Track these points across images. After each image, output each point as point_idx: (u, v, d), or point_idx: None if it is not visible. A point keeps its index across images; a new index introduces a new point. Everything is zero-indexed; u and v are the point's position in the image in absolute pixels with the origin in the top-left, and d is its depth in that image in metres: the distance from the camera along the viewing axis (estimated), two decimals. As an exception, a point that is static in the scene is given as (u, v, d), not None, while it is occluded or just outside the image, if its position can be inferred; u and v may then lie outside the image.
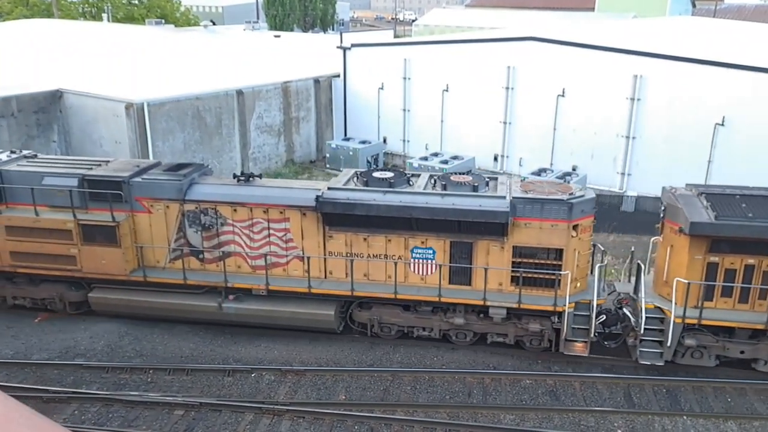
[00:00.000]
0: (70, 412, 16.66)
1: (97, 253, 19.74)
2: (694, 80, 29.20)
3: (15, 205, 20.09)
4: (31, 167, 20.39)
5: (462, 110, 36.68)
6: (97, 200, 19.55)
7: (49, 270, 20.26)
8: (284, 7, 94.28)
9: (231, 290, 19.88)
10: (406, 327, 19.69)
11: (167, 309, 20.22)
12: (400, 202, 18.34)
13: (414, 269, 19.15)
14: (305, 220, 19.18)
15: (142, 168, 20.28)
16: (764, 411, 16.90)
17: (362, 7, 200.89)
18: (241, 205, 19.43)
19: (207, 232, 19.79)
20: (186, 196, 19.54)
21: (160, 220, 19.81)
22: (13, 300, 21.36)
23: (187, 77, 39.53)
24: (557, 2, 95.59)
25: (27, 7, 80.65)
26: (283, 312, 19.66)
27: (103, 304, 20.56)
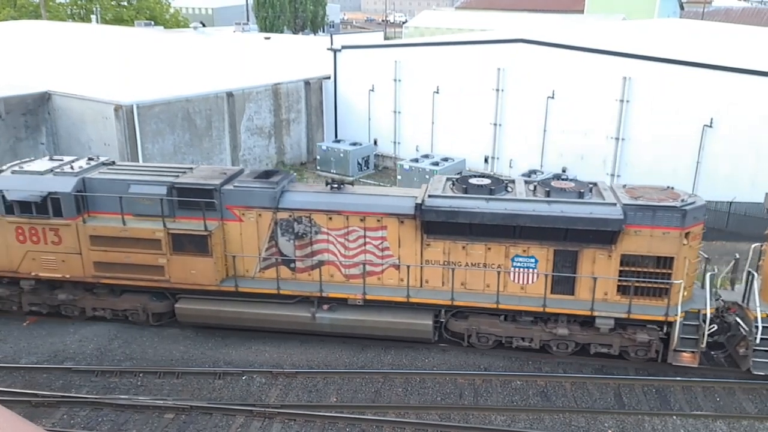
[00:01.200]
0: (59, 416, 16.57)
1: (186, 263, 19.22)
2: (682, 82, 29.34)
3: (97, 214, 19.51)
4: (115, 175, 19.80)
5: (452, 112, 36.75)
6: (185, 209, 19.09)
7: (135, 280, 19.72)
8: (274, 9, 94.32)
9: (325, 300, 19.42)
10: (504, 337, 19.14)
11: (258, 319, 19.72)
12: (505, 210, 17.85)
13: (514, 278, 18.68)
14: (403, 228, 18.80)
15: (229, 175, 19.78)
16: (753, 410, 16.98)
17: (352, 8, 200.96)
18: (337, 213, 18.99)
19: (300, 241, 19.36)
20: (279, 204, 19.11)
21: (252, 228, 19.34)
22: (93, 311, 20.70)
23: (177, 79, 39.44)
24: (547, 4, 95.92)
25: (15, 8, 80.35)
26: (379, 322, 19.18)
27: (190, 315, 20.02)
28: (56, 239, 19.43)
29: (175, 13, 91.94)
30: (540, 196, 18.38)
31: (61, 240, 19.42)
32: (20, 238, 19.59)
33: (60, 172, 19.62)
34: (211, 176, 19.70)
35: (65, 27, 65.90)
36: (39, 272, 19.94)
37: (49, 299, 20.66)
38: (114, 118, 31.26)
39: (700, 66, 29.10)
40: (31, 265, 19.87)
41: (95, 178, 19.51)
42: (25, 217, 19.28)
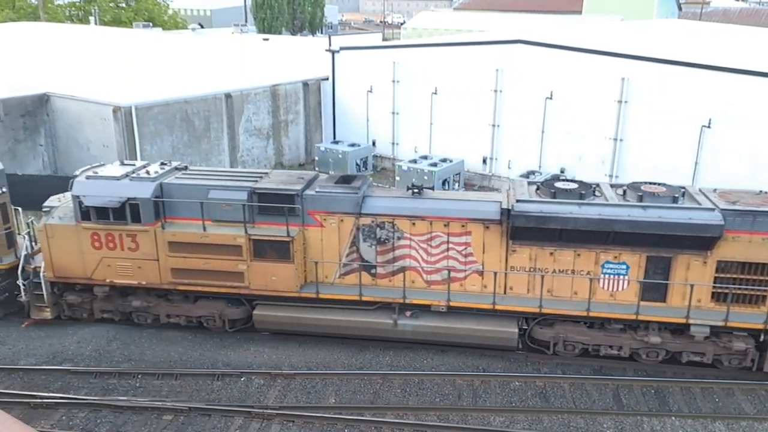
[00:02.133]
0: (58, 417, 16.57)
1: (267, 269, 19.03)
2: (680, 83, 29.34)
3: (173, 220, 19.27)
4: (193, 180, 19.63)
5: (451, 113, 36.74)
6: (265, 214, 18.94)
7: (213, 287, 19.56)
8: (273, 10, 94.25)
9: (407, 306, 19.17)
10: (591, 345, 18.86)
11: (339, 326, 19.49)
12: (599, 215, 17.58)
13: (603, 285, 18.41)
14: (488, 233, 18.54)
15: (308, 180, 19.62)
16: (751, 411, 17.00)
17: (351, 10, 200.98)
18: (421, 219, 18.78)
19: (382, 247, 19.13)
20: (362, 210, 18.90)
21: (333, 234, 19.13)
22: (167, 318, 20.44)
23: (176, 80, 39.45)
24: (545, 5, 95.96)
25: (13, 10, 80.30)
26: (462, 329, 18.90)
27: (268, 322, 19.84)
28: (133, 245, 19.22)
29: (174, 15, 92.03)
30: (631, 200, 18.12)
31: (138, 246, 19.19)
32: (96, 244, 19.30)
33: (137, 178, 19.30)
34: (290, 181, 19.49)
35: (64, 28, 65.89)
36: (114, 279, 19.73)
37: (122, 306, 20.44)
38: (112, 120, 31.25)
39: (698, 67, 29.10)
40: (106, 271, 19.62)
41: (173, 184, 19.27)
42: (102, 223, 19.01)
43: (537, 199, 18.33)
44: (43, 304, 20.51)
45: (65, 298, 20.53)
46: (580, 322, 18.76)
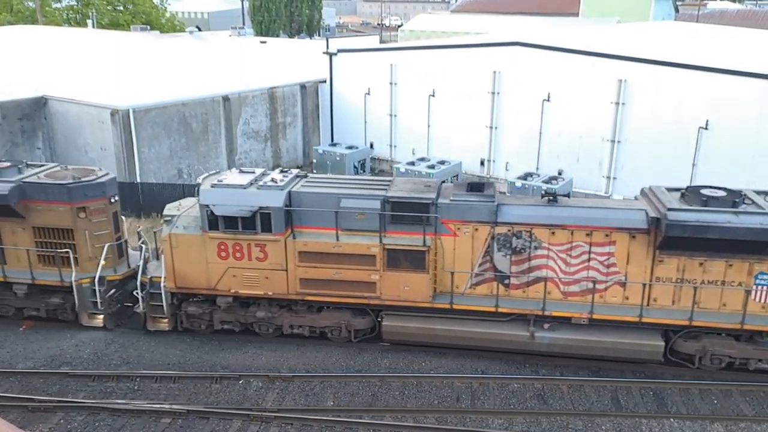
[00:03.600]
0: (56, 420, 16.55)
1: (400, 279, 18.61)
2: (678, 84, 29.39)
3: (302, 229, 18.92)
4: (323, 188, 19.21)
5: (448, 115, 36.76)
6: (397, 223, 18.50)
7: (344, 297, 19.16)
8: (270, 13, 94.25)
9: (544, 318, 18.63)
10: (739, 359, 18.24)
11: (472, 338, 18.94)
12: (761, 225, 16.99)
13: (756, 297, 17.77)
14: (633, 243, 17.96)
15: (436, 188, 19.17)
16: (750, 412, 17.02)
17: (348, 12, 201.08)
18: (561, 228, 18.20)
19: (517, 256, 18.58)
20: (498, 219, 18.35)
21: (466, 243, 18.62)
22: (290, 329, 20.02)
23: (173, 83, 39.43)
24: (542, 7, 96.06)
25: (11, 13, 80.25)
26: (603, 342, 18.31)
27: (398, 332, 19.30)
28: (261, 255, 18.86)
29: (171, 18, 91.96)
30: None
31: (267, 256, 18.84)
32: (222, 254, 18.94)
33: (265, 186, 18.92)
34: (419, 189, 19.05)
35: (61, 32, 65.89)
36: (239, 289, 19.34)
37: (244, 317, 20.03)
38: (110, 123, 31.24)
39: (695, 68, 29.14)
40: (231, 282, 19.24)
41: (302, 192, 18.90)
42: (230, 233, 18.63)
43: (688, 207, 17.68)
44: (161, 315, 20.20)
45: (184, 309, 20.14)
46: (725, 335, 18.20)
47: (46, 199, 19.75)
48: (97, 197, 20.07)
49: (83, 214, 19.86)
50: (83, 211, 19.84)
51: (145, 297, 19.99)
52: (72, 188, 19.64)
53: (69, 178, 19.97)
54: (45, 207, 19.83)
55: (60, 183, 19.71)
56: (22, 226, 20.20)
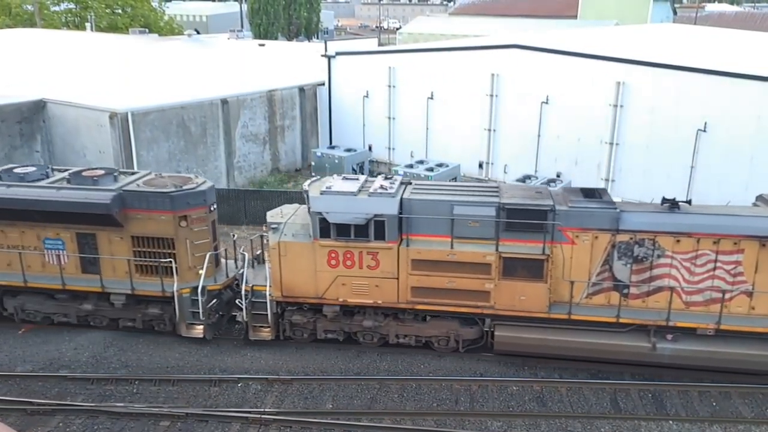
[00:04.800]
0: (55, 424, 16.54)
1: (515, 288, 18.09)
2: (676, 87, 29.42)
3: (413, 237, 18.37)
4: (434, 195, 18.62)
5: (447, 118, 36.81)
6: (512, 230, 17.91)
7: (454, 306, 18.66)
8: (269, 16, 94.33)
9: (667, 329, 18.06)
10: None
11: (591, 349, 18.34)
12: None
13: None
14: (763, 251, 17.40)
15: (549, 194, 18.67)
16: (749, 414, 17.04)
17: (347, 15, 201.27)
18: (687, 236, 17.59)
19: (638, 265, 17.98)
20: (620, 226, 17.76)
21: (584, 251, 18.02)
22: (396, 338, 19.51)
23: (172, 86, 39.43)
24: (540, 10, 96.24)
25: (10, 16, 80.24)
26: (731, 354, 17.75)
27: (512, 343, 18.68)
28: (373, 263, 18.47)
29: (170, 21, 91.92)
30: None
31: (379, 264, 18.46)
32: (332, 262, 18.56)
33: (376, 193, 18.39)
34: (531, 195, 18.53)
35: (60, 35, 65.92)
36: (348, 298, 18.95)
37: (349, 326, 19.64)
38: (109, 126, 31.22)
39: (693, 71, 29.17)
40: (340, 290, 18.85)
41: (414, 199, 18.37)
42: (342, 241, 18.27)
43: None
44: (264, 324, 19.81)
45: (288, 318, 19.75)
46: None
47: (147, 208, 19.26)
48: (199, 205, 19.63)
49: (184, 223, 19.40)
50: (184, 220, 19.39)
51: (248, 306, 19.57)
52: (175, 197, 19.16)
53: (169, 186, 19.53)
54: (145, 216, 19.35)
55: (162, 191, 19.22)
56: (120, 236, 19.68)
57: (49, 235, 20.02)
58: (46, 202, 19.24)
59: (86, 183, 19.74)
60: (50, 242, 20.11)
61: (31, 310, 20.84)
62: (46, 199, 19.28)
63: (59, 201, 19.19)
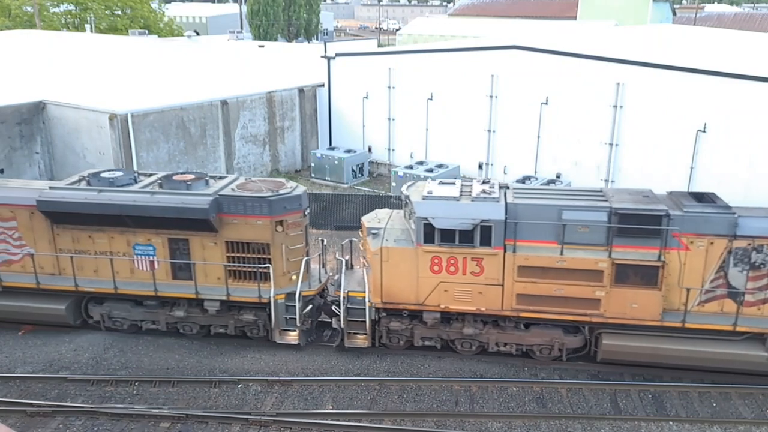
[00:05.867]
0: (55, 425, 16.55)
1: (627, 295, 17.63)
2: (675, 87, 29.43)
3: (518, 242, 17.85)
4: (540, 200, 18.22)
5: (446, 118, 36.82)
6: (623, 236, 17.41)
7: (562, 314, 18.21)
8: (268, 17, 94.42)
9: None
10: None
11: (704, 358, 17.93)
12: None
13: None
14: None
15: (658, 198, 18.20)
16: (749, 415, 17.04)
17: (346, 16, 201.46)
18: None
19: (755, 272, 17.46)
20: (737, 232, 17.22)
21: (698, 257, 17.52)
22: (496, 346, 19.10)
23: (171, 88, 39.46)
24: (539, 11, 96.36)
25: (9, 18, 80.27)
26: None
27: (620, 352, 18.29)
28: (477, 270, 18.10)
29: (169, 22, 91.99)
30: None
31: (483, 270, 18.07)
32: (435, 268, 18.22)
33: (479, 198, 18.03)
34: (639, 200, 17.96)
35: (60, 36, 65.87)
36: (449, 305, 18.56)
37: (447, 333, 19.28)
38: (109, 127, 31.24)
39: (693, 71, 29.18)
40: (441, 297, 18.48)
41: (520, 204, 17.91)
42: (446, 246, 17.90)
43: None
44: (360, 331, 19.43)
45: (386, 324, 19.36)
46: None
47: (243, 213, 18.97)
48: (294, 210, 19.32)
49: (280, 228, 19.12)
50: (280, 225, 19.10)
51: (344, 312, 19.16)
52: (273, 201, 18.86)
53: (264, 191, 19.22)
54: (241, 221, 19.06)
55: (260, 196, 18.94)
56: (214, 241, 19.34)
57: (140, 241, 19.68)
58: (141, 207, 18.88)
59: (180, 188, 19.41)
60: (141, 248, 19.76)
61: (118, 318, 20.54)
62: (141, 204, 18.90)
63: (155, 206, 18.83)
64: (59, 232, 20.03)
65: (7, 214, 20.20)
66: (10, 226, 20.32)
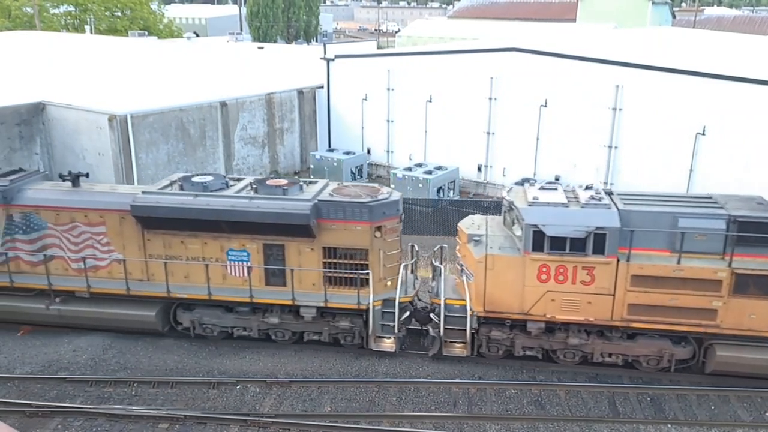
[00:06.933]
0: (54, 426, 16.54)
1: (746, 306, 17.09)
2: (674, 90, 29.47)
3: (630, 251, 17.27)
4: (652, 206, 17.67)
5: (445, 120, 36.86)
6: (745, 244, 16.85)
7: (674, 324, 17.67)
8: (267, 19, 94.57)
9: None
10: None
11: None
12: None
13: None
14: None
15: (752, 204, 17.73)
16: (747, 418, 17.04)
17: (345, 18, 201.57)
18: None
19: None
20: None
21: None
22: (601, 357, 18.64)
23: (171, 89, 39.48)
24: (539, 13, 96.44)
25: (9, 18, 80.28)
26: None
27: (735, 363, 17.78)
28: (588, 279, 17.55)
29: (169, 23, 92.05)
30: None
31: (594, 279, 17.54)
32: (542, 277, 17.68)
33: (590, 205, 17.69)
34: (753, 206, 17.57)
35: (59, 37, 65.90)
36: (556, 314, 18.05)
37: (549, 343, 18.77)
38: (108, 128, 31.25)
39: (692, 74, 29.23)
40: (547, 306, 17.97)
41: (633, 211, 17.41)
42: (556, 254, 17.38)
43: None
44: (458, 339, 19.02)
45: (487, 333, 18.88)
46: None
47: (343, 218, 18.69)
48: (392, 216, 19.12)
49: (379, 234, 18.85)
50: (379, 231, 18.84)
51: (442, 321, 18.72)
52: (373, 207, 18.60)
53: (363, 196, 18.99)
54: (340, 226, 18.77)
55: (360, 201, 18.67)
56: (311, 247, 19.05)
57: (234, 246, 19.39)
58: (240, 212, 18.65)
59: (276, 193, 19.18)
60: (234, 253, 19.48)
61: (208, 324, 20.22)
62: (240, 209, 18.68)
63: (255, 211, 18.59)
64: (150, 238, 19.65)
65: (96, 219, 19.82)
66: (98, 231, 19.91)
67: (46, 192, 20.30)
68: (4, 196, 19.91)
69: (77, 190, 20.41)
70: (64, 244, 20.22)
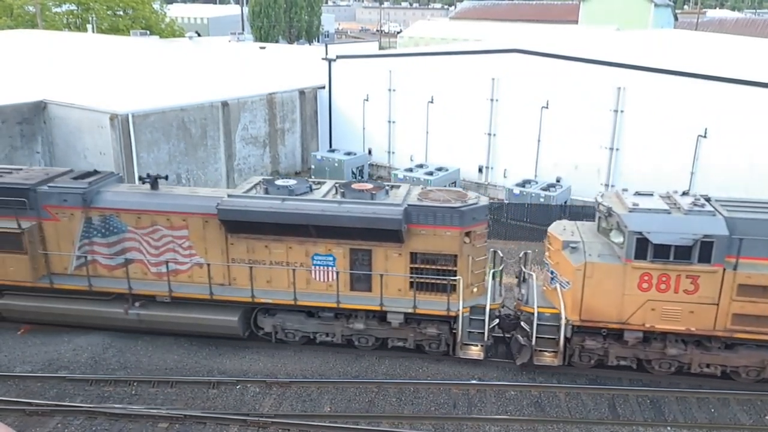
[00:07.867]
0: (54, 425, 16.54)
1: None
2: (676, 92, 29.48)
3: (742, 259, 16.87)
4: (758, 214, 17.24)
5: (446, 122, 36.87)
6: None
7: None
8: (269, 19, 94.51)
9: None
10: None
11: None
12: None
13: None
14: None
15: None
16: (747, 421, 17.02)
17: (347, 18, 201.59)
18: None
19: None
20: None
21: None
22: (699, 368, 18.23)
23: (172, 88, 39.50)
24: (541, 15, 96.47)
25: (11, 17, 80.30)
26: None
27: None
28: (691, 288, 17.15)
29: (171, 23, 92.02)
30: None
31: (698, 288, 17.14)
32: (644, 285, 17.30)
33: (694, 211, 17.21)
34: None
35: (61, 36, 65.98)
36: (655, 324, 17.66)
37: (644, 353, 18.41)
38: (109, 127, 31.27)
39: (694, 76, 29.24)
40: (647, 315, 17.59)
41: (739, 218, 16.91)
42: (659, 263, 17.01)
43: None
44: (549, 348, 18.64)
45: (581, 342, 18.52)
46: None
47: (433, 224, 18.36)
48: (481, 221, 18.83)
49: (468, 239, 18.53)
50: (468, 236, 18.51)
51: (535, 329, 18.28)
52: (464, 212, 18.28)
53: (452, 201, 18.60)
54: (429, 231, 18.42)
55: (451, 206, 18.33)
56: (398, 252, 18.71)
57: (320, 251, 19.08)
58: (330, 216, 18.32)
59: (364, 197, 18.85)
60: (320, 258, 19.18)
61: (291, 330, 19.96)
62: (329, 213, 18.34)
63: (345, 216, 18.27)
64: (233, 242, 19.36)
65: (179, 222, 19.49)
66: (180, 234, 19.59)
67: (126, 194, 20.00)
68: (84, 199, 19.52)
69: (157, 192, 20.12)
70: (143, 247, 19.86)
